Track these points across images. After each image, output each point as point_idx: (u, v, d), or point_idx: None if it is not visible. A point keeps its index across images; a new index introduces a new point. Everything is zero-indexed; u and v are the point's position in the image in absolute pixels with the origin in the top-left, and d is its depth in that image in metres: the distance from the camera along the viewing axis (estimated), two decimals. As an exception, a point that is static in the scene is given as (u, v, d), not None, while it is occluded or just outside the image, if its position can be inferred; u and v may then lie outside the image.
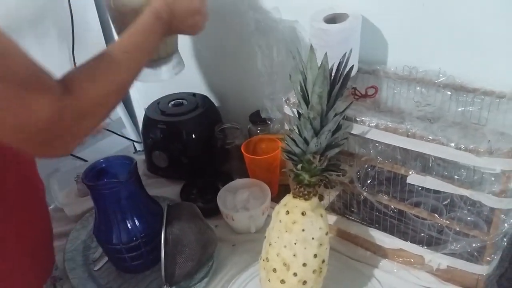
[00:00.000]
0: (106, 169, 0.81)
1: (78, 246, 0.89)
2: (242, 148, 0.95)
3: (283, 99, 0.75)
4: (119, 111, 1.36)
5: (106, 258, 0.85)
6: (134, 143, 1.39)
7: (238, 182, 0.94)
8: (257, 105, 1.02)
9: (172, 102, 1.09)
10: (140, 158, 1.16)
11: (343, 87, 0.62)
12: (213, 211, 0.93)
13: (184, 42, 1.15)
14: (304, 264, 0.65)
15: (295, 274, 0.65)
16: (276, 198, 0.93)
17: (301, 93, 0.64)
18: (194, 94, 1.12)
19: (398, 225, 0.72)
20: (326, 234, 0.66)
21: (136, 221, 0.77)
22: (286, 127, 0.79)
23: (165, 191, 1.04)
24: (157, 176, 1.10)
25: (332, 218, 0.80)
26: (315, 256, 0.65)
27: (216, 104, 1.12)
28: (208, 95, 1.13)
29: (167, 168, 1.06)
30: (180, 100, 1.09)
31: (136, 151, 1.35)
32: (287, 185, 0.93)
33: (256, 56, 0.91)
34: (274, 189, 0.96)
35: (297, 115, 0.67)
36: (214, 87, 1.17)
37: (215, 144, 1.03)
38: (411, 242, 0.71)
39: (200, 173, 1.05)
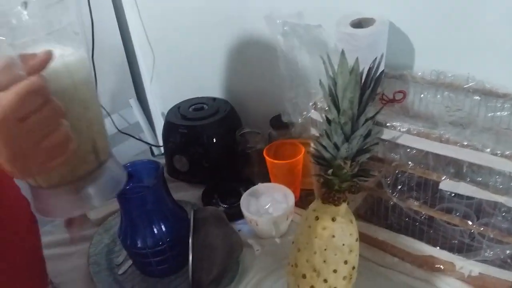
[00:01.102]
0: (131, 173, 0.81)
1: (101, 250, 0.89)
2: (264, 152, 0.94)
3: (310, 104, 0.74)
4: (137, 115, 1.37)
5: (130, 262, 0.85)
6: (152, 147, 1.40)
7: (261, 186, 0.94)
8: (277, 110, 1.02)
9: (193, 107, 1.09)
10: (162, 163, 1.16)
11: (374, 92, 0.62)
12: (234, 216, 0.93)
13: (203, 43, 1.16)
14: (335, 271, 0.64)
15: (325, 281, 0.65)
16: (299, 203, 0.93)
17: (330, 98, 0.64)
18: (214, 99, 1.13)
19: (427, 231, 0.72)
20: (356, 240, 0.66)
21: (162, 225, 0.77)
22: (312, 131, 0.78)
23: (186, 195, 1.04)
24: (177, 180, 1.10)
25: (359, 224, 0.79)
26: (346, 262, 0.65)
27: (236, 108, 1.12)
28: (228, 100, 1.13)
29: (187, 172, 1.06)
30: (201, 105, 1.10)
31: (154, 155, 1.35)
32: (309, 190, 0.93)
33: (279, 61, 0.91)
34: (297, 193, 0.96)
35: (325, 120, 0.67)
36: (234, 92, 1.17)
37: (236, 148, 1.03)
38: (441, 248, 0.71)
39: (221, 177, 1.05)
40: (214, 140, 1.04)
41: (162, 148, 1.19)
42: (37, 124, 0.36)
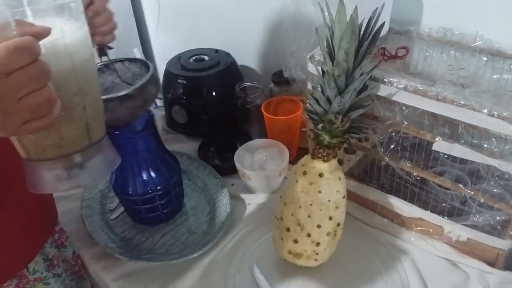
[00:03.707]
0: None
1: (95, 195, 0.90)
2: (262, 107, 0.92)
3: (308, 56, 0.72)
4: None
5: (122, 208, 0.86)
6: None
7: (257, 142, 0.92)
8: (280, 65, 0.99)
9: (194, 57, 1.07)
10: (160, 113, 1.15)
11: (372, 45, 0.59)
12: (230, 170, 0.92)
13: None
14: (319, 226, 0.64)
15: (308, 235, 0.65)
16: (295, 161, 0.91)
17: (327, 49, 0.61)
18: (216, 50, 1.10)
19: (419, 194, 0.70)
20: (344, 197, 0.65)
21: (152, 173, 0.77)
22: (309, 86, 0.76)
23: (183, 147, 1.04)
24: (176, 132, 1.09)
25: (351, 184, 0.78)
26: (330, 218, 0.64)
27: (238, 61, 1.09)
28: (230, 52, 1.10)
29: (186, 124, 1.05)
30: (202, 56, 1.07)
31: (156, 106, 1.34)
32: (307, 149, 0.92)
33: (282, 11, 0.87)
34: (293, 151, 0.94)
35: (321, 73, 0.64)
36: (237, 44, 1.13)
37: (236, 102, 1.01)
38: (431, 211, 0.69)
39: (219, 131, 1.04)
40: (214, 93, 1.02)
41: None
42: (21, 81, 0.37)
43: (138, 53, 1.31)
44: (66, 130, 0.45)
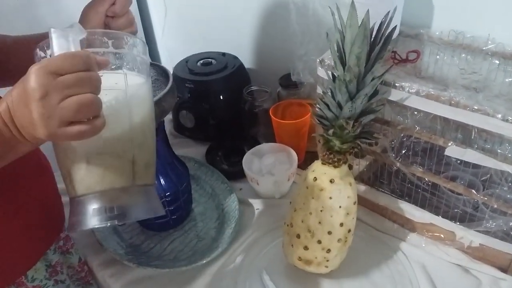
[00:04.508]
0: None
1: (103, 201, 0.90)
2: (270, 111, 0.92)
3: (318, 60, 0.71)
4: (147, 69, 1.35)
5: (130, 214, 0.85)
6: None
7: (265, 146, 0.92)
8: (288, 68, 0.98)
9: (201, 61, 1.06)
10: (167, 118, 1.15)
11: (383, 49, 0.58)
12: (238, 174, 0.92)
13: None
14: (329, 232, 0.63)
15: (319, 242, 0.64)
16: (303, 165, 0.91)
17: (337, 54, 0.60)
18: (223, 54, 1.09)
19: (430, 199, 0.69)
20: (354, 203, 0.64)
21: (161, 180, 0.76)
22: (319, 90, 0.75)
23: (191, 151, 1.03)
24: (183, 136, 1.09)
25: (360, 188, 0.77)
26: (341, 225, 0.63)
27: (246, 65, 1.09)
28: (237, 55, 1.09)
29: (193, 128, 1.05)
30: (209, 59, 1.06)
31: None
32: (315, 152, 0.91)
33: (290, 14, 0.87)
34: (301, 155, 0.94)
35: (331, 78, 0.64)
36: (244, 47, 1.13)
37: (243, 106, 1.01)
38: (443, 217, 0.68)
39: (226, 135, 1.04)
40: (221, 97, 1.02)
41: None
42: (70, 80, 0.40)
43: (144, 57, 1.31)
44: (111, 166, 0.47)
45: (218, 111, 1.02)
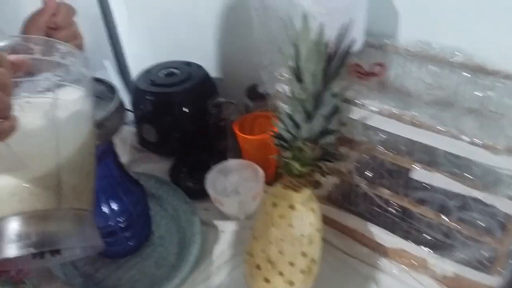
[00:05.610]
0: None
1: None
2: (234, 126, 0.87)
3: (275, 74, 0.66)
4: (113, 79, 1.28)
5: (85, 240, 0.79)
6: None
7: (230, 162, 0.86)
8: (254, 79, 0.93)
9: (164, 71, 1.00)
10: (131, 131, 1.09)
11: (341, 65, 0.53)
12: (203, 192, 0.85)
13: (175, 1, 1.06)
14: (291, 264, 0.58)
15: (281, 274, 0.59)
16: (273, 183, 0.85)
17: (293, 69, 0.55)
18: (188, 63, 1.03)
19: (400, 223, 0.64)
20: (318, 230, 0.59)
21: (112, 204, 0.70)
22: (280, 106, 0.70)
23: (154, 167, 0.98)
24: (147, 150, 1.03)
25: (329, 210, 0.72)
26: (304, 255, 0.58)
27: (213, 75, 1.03)
28: (204, 65, 1.04)
29: (157, 143, 0.99)
30: (173, 70, 1.01)
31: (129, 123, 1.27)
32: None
33: (252, 23, 0.81)
34: (270, 172, 0.88)
35: (289, 94, 0.59)
36: (211, 56, 1.08)
37: (209, 119, 0.95)
38: (414, 242, 0.63)
39: (192, 150, 0.98)
40: (185, 110, 0.96)
41: (135, 116, 1.11)
42: None
43: (108, 66, 1.25)
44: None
45: (182, 125, 0.97)
